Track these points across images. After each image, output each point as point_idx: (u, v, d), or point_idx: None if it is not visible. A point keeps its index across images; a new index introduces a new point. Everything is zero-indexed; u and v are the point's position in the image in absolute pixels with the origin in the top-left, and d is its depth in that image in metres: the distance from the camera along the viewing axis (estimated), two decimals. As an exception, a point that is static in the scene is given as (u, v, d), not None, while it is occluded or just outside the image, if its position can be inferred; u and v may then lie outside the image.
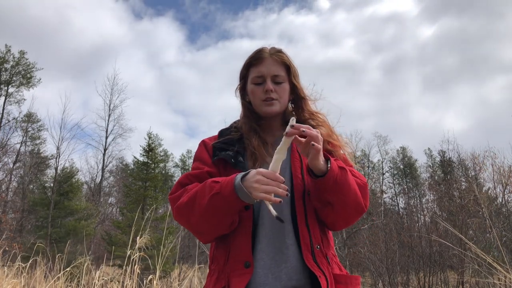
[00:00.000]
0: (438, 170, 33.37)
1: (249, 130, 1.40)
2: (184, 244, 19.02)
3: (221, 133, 1.46)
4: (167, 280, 10.64)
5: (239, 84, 1.49)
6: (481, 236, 9.61)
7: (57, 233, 16.22)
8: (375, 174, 37.41)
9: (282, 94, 1.41)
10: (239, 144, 1.37)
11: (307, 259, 1.18)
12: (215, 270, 1.25)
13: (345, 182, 1.20)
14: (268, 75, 1.39)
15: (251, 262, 1.17)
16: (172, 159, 43.30)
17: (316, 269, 1.17)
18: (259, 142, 1.36)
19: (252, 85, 1.41)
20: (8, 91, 27.34)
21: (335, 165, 1.20)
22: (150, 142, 15.71)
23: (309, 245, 1.21)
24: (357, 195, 1.24)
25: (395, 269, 11.44)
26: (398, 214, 22.06)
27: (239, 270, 1.16)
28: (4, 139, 24.86)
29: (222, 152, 1.34)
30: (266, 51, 1.43)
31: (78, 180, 20.48)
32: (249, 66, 1.44)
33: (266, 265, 1.19)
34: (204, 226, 1.22)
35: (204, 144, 1.44)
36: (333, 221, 1.29)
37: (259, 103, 1.40)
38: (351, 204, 1.24)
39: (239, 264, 1.17)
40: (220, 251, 1.25)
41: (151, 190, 14.48)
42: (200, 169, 1.33)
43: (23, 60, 27.79)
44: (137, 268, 3.94)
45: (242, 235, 1.21)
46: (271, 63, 1.40)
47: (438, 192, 15.22)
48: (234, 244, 1.21)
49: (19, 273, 5.00)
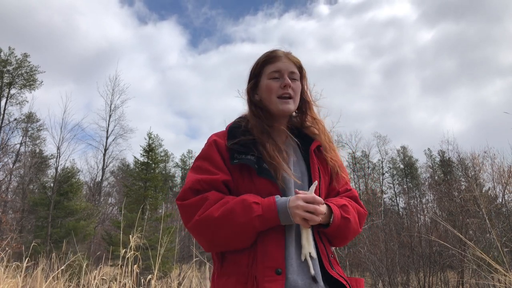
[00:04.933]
0: (438, 170, 33.37)
1: (261, 133, 1.34)
2: (184, 244, 19.01)
3: (230, 131, 1.39)
4: (167, 280, 10.64)
5: (251, 82, 1.46)
6: (481, 236, 9.61)
7: (57, 233, 16.22)
8: (375, 174, 37.40)
9: (297, 92, 1.42)
10: (256, 148, 1.30)
11: (328, 268, 1.24)
12: (233, 272, 1.22)
13: (345, 229, 1.30)
14: (286, 71, 1.40)
15: (283, 269, 1.18)
16: (173, 159, 43.34)
17: (339, 277, 1.24)
18: (274, 148, 1.31)
19: (269, 80, 1.40)
20: (10, 92, 27.38)
21: (338, 216, 1.27)
22: (150, 142, 15.71)
23: (326, 255, 1.28)
24: (355, 231, 1.36)
25: (395, 269, 11.43)
26: (398, 214, 22.06)
27: (270, 277, 1.16)
28: (4, 139, 24.86)
29: (242, 156, 1.28)
30: (280, 51, 1.45)
31: (78, 180, 20.47)
32: (265, 63, 1.43)
33: (295, 271, 1.20)
34: (231, 242, 1.22)
35: (216, 144, 1.34)
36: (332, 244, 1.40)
37: (274, 100, 1.38)
38: (350, 239, 1.38)
39: (269, 270, 1.17)
40: (240, 255, 1.23)
41: (151, 190, 14.48)
42: (211, 173, 1.28)
43: (25, 62, 27.83)
44: (136, 267, 3.94)
45: (274, 242, 1.21)
46: (287, 62, 1.42)
47: (438, 192, 15.22)
48: (264, 250, 1.20)
49: (19, 273, 5.00)
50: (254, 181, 1.27)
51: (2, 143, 24.27)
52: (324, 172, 1.40)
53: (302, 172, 1.35)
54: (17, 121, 27.03)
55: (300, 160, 1.39)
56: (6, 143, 24.65)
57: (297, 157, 1.40)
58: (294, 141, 1.43)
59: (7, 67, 27.35)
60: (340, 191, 1.43)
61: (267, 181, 1.26)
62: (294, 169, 1.35)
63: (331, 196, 1.40)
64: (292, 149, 1.41)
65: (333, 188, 1.43)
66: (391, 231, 13.16)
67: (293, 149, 1.41)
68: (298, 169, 1.36)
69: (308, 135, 1.46)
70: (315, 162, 1.38)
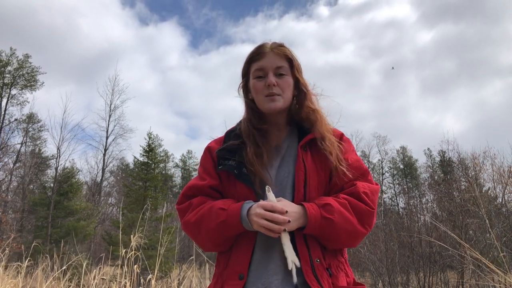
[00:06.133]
0: (438, 170, 33.36)
1: (247, 136, 1.36)
2: (184, 244, 19.01)
3: (227, 135, 1.43)
4: (167, 280, 10.64)
5: (241, 82, 1.45)
6: (481, 236, 9.60)
7: (57, 233, 16.21)
8: (375, 174, 37.37)
9: (285, 88, 1.35)
10: (239, 153, 1.33)
11: (307, 274, 1.18)
12: (216, 273, 1.32)
13: (331, 230, 1.20)
14: (270, 68, 1.34)
15: (245, 274, 1.21)
16: (173, 159, 43.33)
17: (315, 284, 1.16)
18: (253, 152, 1.31)
19: (254, 80, 1.37)
20: (11, 93, 27.38)
21: (317, 217, 1.19)
22: (150, 142, 15.71)
23: (308, 259, 1.20)
24: (350, 232, 1.22)
25: (395, 269, 11.42)
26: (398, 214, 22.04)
27: (233, 280, 1.22)
28: (4, 139, 24.86)
29: (225, 162, 1.33)
30: (267, 46, 1.38)
31: (78, 180, 20.48)
32: (251, 61, 1.40)
33: (258, 275, 1.21)
34: (209, 244, 1.30)
35: (209, 151, 1.42)
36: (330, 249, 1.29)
37: (262, 99, 1.35)
38: (345, 240, 1.24)
39: (234, 274, 1.22)
40: (221, 258, 1.32)
41: (151, 190, 14.47)
42: (201, 180, 1.36)
43: (27, 63, 27.83)
44: (137, 267, 3.94)
45: (242, 248, 1.25)
46: (272, 57, 1.36)
47: (438, 192, 15.21)
48: (234, 254, 1.26)
49: (19, 274, 5.00)
50: (236, 185, 1.31)
51: (2, 143, 24.26)
52: (320, 168, 1.31)
53: (289, 172, 1.30)
54: (18, 122, 27.05)
55: (291, 157, 1.34)
56: (6, 143, 24.65)
57: (289, 155, 1.34)
58: (295, 134, 1.39)
59: (8, 68, 27.38)
60: (344, 186, 1.30)
61: (245, 186, 1.28)
62: (281, 170, 1.32)
63: (333, 193, 1.30)
64: (288, 144, 1.37)
65: (334, 184, 1.31)
66: (391, 231, 13.15)
67: (289, 145, 1.37)
68: (286, 169, 1.31)
69: (305, 127, 1.39)
70: (301, 160, 1.29)
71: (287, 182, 1.29)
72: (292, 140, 1.39)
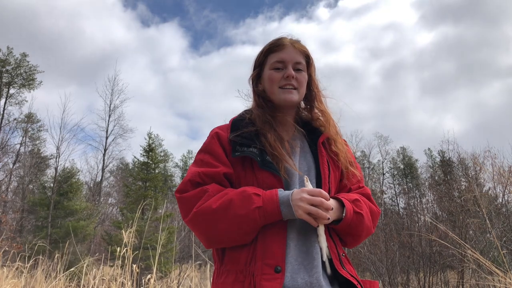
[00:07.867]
0: (438, 170, 33.34)
1: (264, 123, 1.29)
2: (184, 244, 19.00)
3: (234, 123, 1.33)
4: (166, 280, 10.64)
5: (254, 72, 1.42)
6: (481, 236, 9.60)
7: (57, 233, 16.21)
8: (375, 174, 37.39)
9: (302, 83, 1.35)
10: (258, 139, 1.25)
11: (339, 268, 1.18)
12: (232, 270, 1.17)
13: (358, 225, 1.23)
14: (290, 61, 1.33)
15: (282, 267, 1.12)
16: (172, 159, 43.33)
17: (350, 277, 1.17)
18: (275, 138, 1.25)
19: (271, 71, 1.34)
20: (9, 92, 27.37)
21: (350, 211, 1.20)
22: (150, 142, 15.70)
23: (336, 253, 1.21)
24: (369, 229, 1.27)
25: (395, 269, 11.42)
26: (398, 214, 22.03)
27: (269, 275, 1.10)
28: (4, 139, 24.84)
29: (245, 149, 1.23)
30: (287, 39, 1.37)
31: (78, 180, 20.47)
32: (269, 52, 1.37)
33: (295, 269, 1.14)
34: (230, 236, 1.15)
35: (218, 136, 1.29)
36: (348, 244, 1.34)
37: (277, 90, 1.32)
38: (363, 238, 1.29)
39: (268, 268, 1.11)
40: (239, 252, 1.17)
41: (151, 190, 14.47)
42: (212, 166, 1.23)
43: (24, 62, 27.81)
44: (136, 267, 3.93)
45: (275, 239, 1.15)
46: (293, 51, 1.35)
47: (438, 192, 15.21)
48: (264, 246, 1.14)
49: (19, 274, 5.00)
50: (256, 174, 1.21)
51: (2, 143, 24.25)
52: (334, 167, 1.32)
53: (309, 166, 1.28)
54: (17, 121, 27.05)
55: (308, 153, 1.32)
56: (6, 143, 24.64)
57: (305, 151, 1.33)
58: (302, 134, 1.36)
59: (6, 67, 27.35)
60: (352, 188, 1.34)
61: (270, 173, 1.19)
62: (300, 163, 1.29)
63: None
64: (300, 142, 1.35)
65: (344, 185, 1.34)
66: (391, 231, 13.14)
67: (301, 143, 1.35)
68: (304, 162, 1.29)
69: (316, 127, 1.38)
70: (324, 155, 1.30)
71: (311, 178, 1.26)
72: (301, 136, 1.37)
